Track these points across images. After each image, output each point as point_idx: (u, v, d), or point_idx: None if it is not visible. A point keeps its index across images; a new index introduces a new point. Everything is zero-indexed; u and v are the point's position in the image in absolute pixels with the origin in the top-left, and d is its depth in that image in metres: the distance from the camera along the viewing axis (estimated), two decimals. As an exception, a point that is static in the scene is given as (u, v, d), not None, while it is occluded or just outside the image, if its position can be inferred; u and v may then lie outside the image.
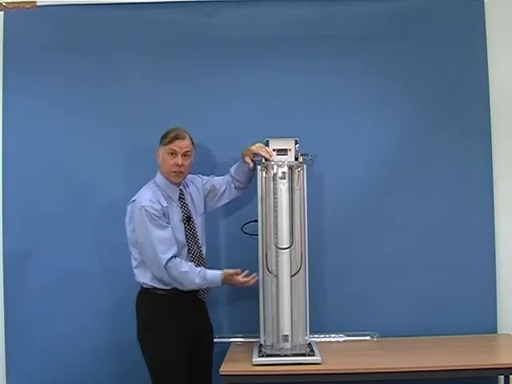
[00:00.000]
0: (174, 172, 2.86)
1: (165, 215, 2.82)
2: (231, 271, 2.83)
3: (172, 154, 2.85)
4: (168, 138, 2.86)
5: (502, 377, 3.18)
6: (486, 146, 3.28)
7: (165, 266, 2.75)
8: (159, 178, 2.91)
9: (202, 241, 2.96)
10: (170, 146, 2.85)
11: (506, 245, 3.30)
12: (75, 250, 3.28)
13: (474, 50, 3.28)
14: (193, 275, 2.78)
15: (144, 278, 2.84)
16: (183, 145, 2.86)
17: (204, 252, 2.97)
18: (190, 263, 2.83)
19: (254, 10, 3.31)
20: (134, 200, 2.84)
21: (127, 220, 2.87)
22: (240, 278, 2.84)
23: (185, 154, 2.86)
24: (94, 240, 3.29)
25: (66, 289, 3.27)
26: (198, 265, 2.89)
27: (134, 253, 2.87)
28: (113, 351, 3.25)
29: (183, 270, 2.77)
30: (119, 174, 3.21)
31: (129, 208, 2.86)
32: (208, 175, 3.12)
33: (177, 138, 2.85)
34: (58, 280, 3.27)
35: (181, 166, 2.85)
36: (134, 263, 2.88)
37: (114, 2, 3.31)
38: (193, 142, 2.92)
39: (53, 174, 3.29)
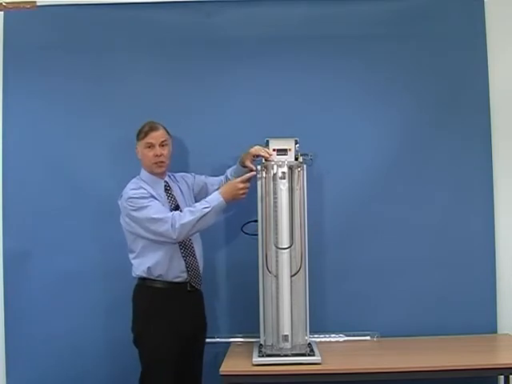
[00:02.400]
0: (156, 163, 2.92)
1: (153, 197, 2.86)
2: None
3: (150, 147, 2.91)
4: (142, 132, 2.93)
5: (502, 377, 3.18)
6: (486, 146, 3.28)
7: (173, 225, 2.76)
8: (143, 173, 2.97)
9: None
10: (146, 139, 2.91)
11: (506, 245, 3.30)
12: (75, 250, 3.28)
13: (473, 50, 3.28)
14: (193, 208, 2.80)
15: (143, 266, 2.85)
16: (158, 135, 2.92)
17: (198, 247, 2.98)
18: (185, 209, 2.83)
19: (253, 10, 3.31)
20: (122, 194, 2.89)
21: (121, 215, 2.90)
22: (239, 183, 2.83)
23: (161, 144, 2.93)
24: (93, 240, 3.29)
25: (65, 288, 3.27)
26: (186, 255, 2.91)
27: (132, 245, 2.89)
28: (113, 350, 3.25)
29: (182, 214, 2.79)
30: (119, 174, 3.20)
31: (119, 203, 2.90)
32: (207, 175, 3.13)
33: (151, 130, 2.91)
34: (58, 280, 3.27)
35: (160, 156, 2.91)
36: (131, 255, 2.91)
37: (113, 2, 3.31)
38: (168, 132, 2.97)
39: (53, 173, 3.29)
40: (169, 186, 2.98)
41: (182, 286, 2.90)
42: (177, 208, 2.93)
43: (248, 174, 2.87)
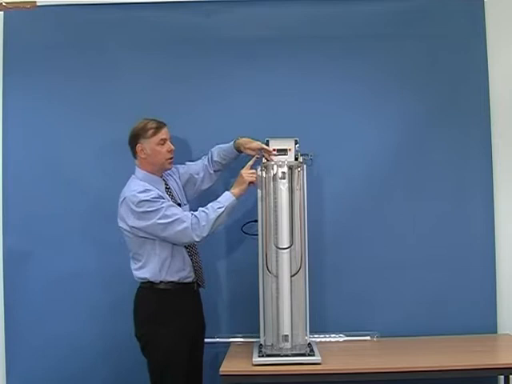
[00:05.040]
0: (169, 159, 2.90)
1: (162, 197, 2.82)
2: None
3: (162, 144, 2.88)
4: (151, 129, 2.87)
5: (502, 377, 3.18)
6: (486, 146, 3.28)
7: (193, 227, 2.75)
8: (141, 173, 2.90)
9: None
10: (158, 136, 2.87)
11: (506, 245, 3.30)
12: (75, 250, 3.28)
13: (473, 50, 3.28)
14: (208, 210, 2.79)
15: (152, 269, 2.81)
16: (167, 131, 2.91)
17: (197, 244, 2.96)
18: (199, 211, 2.81)
19: (254, 9, 3.31)
20: (125, 198, 2.80)
21: (123, 219, 2.82)
22: (244, 172, 2.86)
23: (170, 140, 2.91)
24: (93, 240, 3.28)
25: (65, 289, 3.27)
26: (191, 254, 2.91)
27: (139, 249, 2.83)
28: (113, 351, 3.25)
29: (198, 215, 2.77)
30: (120, 174, 3.20)
31: (122, 209, 2.82)
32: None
33: (161, 126, 2.89)
34: (58, 280, 3.27)
35: (172, 151, 2.90)
36: (136, 261, 2.85)
37: (114, 2, 3.31)
38: None
39: (53, 174, 3.29)
40: (168, 184, 2.97)
41: (189, 286, 2.90)
42: (179, 206, 2.91)
43: (250, 162, 2.89)
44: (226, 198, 2.83)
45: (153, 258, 2.83)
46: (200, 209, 2.82)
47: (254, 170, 2.89)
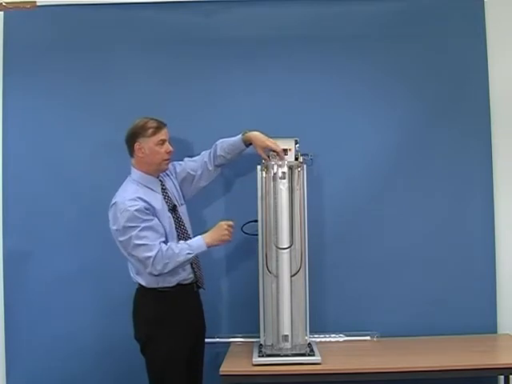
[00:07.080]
0: (167, 160, 2.87)
1: (149, 210, 2.75)
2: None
3: (161, 144, 2.84)
4: (151, 128, 2.83)
5: (502, 377, 3.18)
6: (486, 146, 3.28)
7: (155, 260, 2.70)
8: (137, 173, 2.87)
9: (189, 230, 2.93)
10: (158, 136, 2.83)
11: (505, 245, 3.30)
12: (75, 250, 3.28)
13: (473, 50, 3.28)
14: (178, 250, 2.73)
15: (144, 280, 2.81)
16: (166, 131, 2.87)
17: None
18: (168, 247, 2.74)
19: (254, 9, 3.31)
20: (115, 202, 2.78)
21: (112, 225, 2.79)
22: (224, 228, 2.79)
23: (169, 141, 2.88)
24: (94, 240, 3.27)
25: (65, 289, 3.27)
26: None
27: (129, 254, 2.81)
28: (113, 351, 3.25)
29: (165, 253, 2.71)
30: (120, 174, 3.21)
31: (110, 212, 2.79)
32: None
33: (161, 127, 2.85)
34: (58, 280, 3.27)
35: (171, 152, 2.86)
36: (132, 270, 2.85)
37: (114, 2, 3.31)
38: None
39: (53, 173, 3.29)
40: (164, 184, 2.93)
41: (188, 287, 2.88)
42: (174, 207, 2.89)
43: (231, 222, 2.83)
44: (199, 245, 2.77)
45: None
46: (171, 245, 2.74)
47: (231, 229, 2.82)
